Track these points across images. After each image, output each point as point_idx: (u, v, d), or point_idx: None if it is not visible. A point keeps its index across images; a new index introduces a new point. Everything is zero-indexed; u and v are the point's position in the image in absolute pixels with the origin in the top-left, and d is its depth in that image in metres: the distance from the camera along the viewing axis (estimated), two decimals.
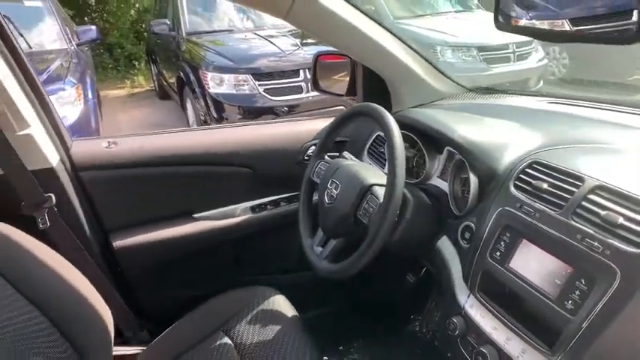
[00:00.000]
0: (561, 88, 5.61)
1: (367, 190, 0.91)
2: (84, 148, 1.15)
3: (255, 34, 4.29)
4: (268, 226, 1.36)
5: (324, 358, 1.42)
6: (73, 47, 3.94)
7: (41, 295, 0.87)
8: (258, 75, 3.66)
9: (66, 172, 1.09)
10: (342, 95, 1.50)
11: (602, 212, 0.65)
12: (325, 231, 1.01)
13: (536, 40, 4.92)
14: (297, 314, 1.14)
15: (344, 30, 1.13)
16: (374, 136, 1.34)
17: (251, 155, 1.26)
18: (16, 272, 0.85)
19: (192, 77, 3.94)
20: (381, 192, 0.88)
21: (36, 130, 1.02)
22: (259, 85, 3.64)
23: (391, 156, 0.84)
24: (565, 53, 5.76)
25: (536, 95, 1.30)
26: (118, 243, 1.19)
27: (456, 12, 5.47)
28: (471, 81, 1.44)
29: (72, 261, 0.97)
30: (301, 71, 3.66)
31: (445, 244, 0.95)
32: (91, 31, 4.20)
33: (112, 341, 1.01)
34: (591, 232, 0.65)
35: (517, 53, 4.70)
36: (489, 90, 1.42)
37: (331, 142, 1.12)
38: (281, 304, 1.15)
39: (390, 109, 1.24)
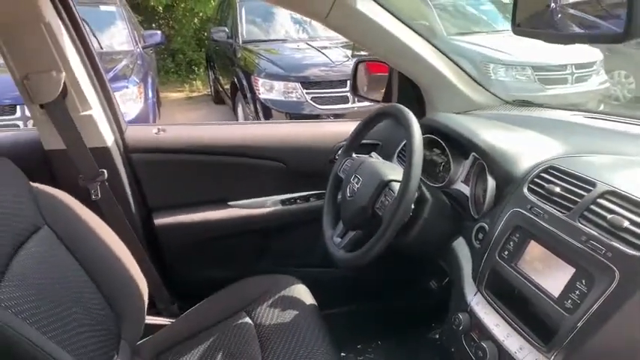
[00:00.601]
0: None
1: (386, 184, 0.96)
2: (136, 133, 1.27)
3: (308, 44, 4.43)
4: (297, 220, 1.42)
5: (342, 353, 1.46)
6: (138, 50, 4.25)
7: (89, 258, 0.98)
8: (307, 84, 3.78)
9: (119, 152, 1.22)
10: (379, 101, 1.55)
11: (609, 216, 0.66)
12: (345, 223, 1.06)
13: (598, 62, 4.73)
14: (316, 304, 1.19)
15: (380, 36, 1.19)
16: (405, 142, 1.38)
17: (284, 150, 1.34)
18: (70, 235, 0.97)
19: (244, 83, 4.13)
20: (398, 187, 0.92)
21: (96, 112, 1.15)
22: (307, 93, 3.76)
23: (409, 151, 0.88)
24: (632, 78, 5.48)
25: (573, 110, 1.29)
26: (159, 221, 1.30)
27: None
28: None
29: (117, 232, 1.08)
30: (348, 82, 3.74)
31: (460, 245, 0.97)
32: (156, 35, 4.52)
33: (145, 310, 1.11)
34: (596, 234, 0.66)
35: (576, 75, 4.53)
36: (526, 103, 1.42)
37: (359, 140, 1.17)
38: (302, 293, 1.21)
39: (423, 117, 1.28)
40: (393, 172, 1.00)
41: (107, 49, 3.93)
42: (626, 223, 0.63)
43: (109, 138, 1.19)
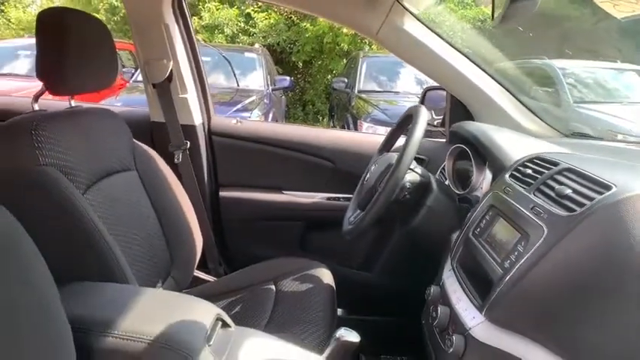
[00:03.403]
0: None
1: (391, 166, 1.07)
2: (220, 121, 1.59)
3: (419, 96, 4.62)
4: (339, 217, 1.56)
5: (362, 356, 1.50)
6: (268, 91, 4.90)
7: (160, 204, 1.25)
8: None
9: (203, 132, 1.54)
10: (438, 127, 1.66)
11: (557, 187, 0.70)
12: (358, 203, 1.18)
13: None
14: (334, 288, 1.30)
15: (429, 58, 1.33)
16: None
17: (333, 151, 1.52)
18: (151, 182, 1.25)
19: (351, 127, 4.44)
20: None
21: (191, 97, 1.49)
22: None
23: (410, 134, 0.99)
24: None
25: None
26: (224, 194, 1.57)
27: None
28: None
29: (188, 194, 1.36)
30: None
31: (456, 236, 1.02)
32: (285, 80, 5.16)
33: (196, 263, 1.34)
34: (540, 202, 0.70)
35: None
36: (584, 135, 1.40)
37: (392, 141, 1.29)
38: (326, 277, 1.33)
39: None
40: None
41: (243, 86, 4.62)
42: (568, 191, 0.67)
43: (197, 119, 1.51)
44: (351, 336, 0.84)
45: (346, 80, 5.30)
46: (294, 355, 0.89)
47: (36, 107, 1.06)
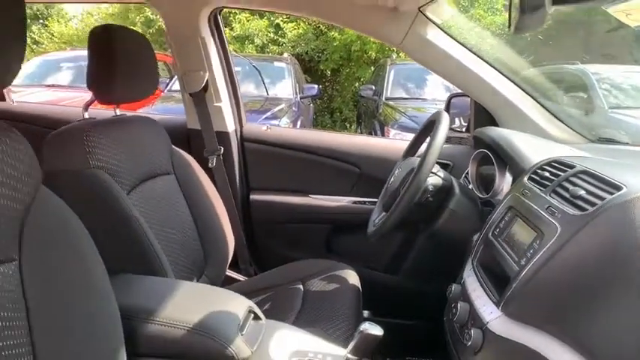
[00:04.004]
0: None
1: (414, 170, 1.11)
2: (251, 127, 1.67)
3: None
4: (365, 221, 1.61)
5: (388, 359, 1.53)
6: (297, 99, 5.01)
7: (196, 206, 1.33)
8: None
9: (236, 138, 1.62)
10: (462, 132, 1.69)
11: (572, 188, 0.73)
12: (383, 205, 1.22)
13: None
14: (360, 289, 1.35)
15: (453, 66, 1.37)
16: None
17: (360, 156, 1.57)
18: (187, 185, 1.33)
19: (378, 134, 4.48)
20: None
21: (225, 106, 1.58)
22: None
23: (431, 140, 1.03)
24: None
25: None
26: (254, 197, 1.64)
27: None
28: None
29: (221, 196, 1.44)
30: None
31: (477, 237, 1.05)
32: (313, 88, 5.26)
33: (228, 262, 1.42)
34: (555, 202, 0.74)
35: None
36: (610, 141, 1.41)
37: (417, 146, 1.33)
38: (352, 278, 1.38)
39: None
40: None
41: (272, 95, 4.74)
42: (582, 192, 0.70)
43: (230, 126, 1.60)
44: (374, 329, 0.88)
45: (374, 88, 5.34)
46: (321, 348, 0.94)
47: (86, 115, 1.16)
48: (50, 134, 1.03)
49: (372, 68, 8.26)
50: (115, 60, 1.06)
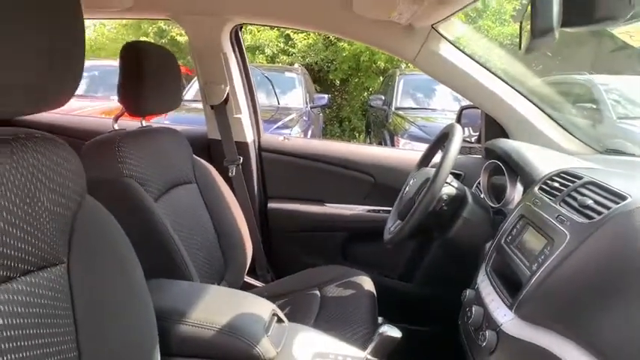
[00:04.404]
0: None
1: (429, 180, 1.16)
2: (268, 138, 1.74)
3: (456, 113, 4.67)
4: (379, 228, 1.66)
5: None
6: (307, 108, 5.09)
7: (217, 213, 1.40)
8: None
9: (254, 148, 1.69)
10: (473, 142, 1.74)
11: (580, 197, 0.78)
12: (399, 213, 1.27)
13: None
14: (375, 294, 1.39)
15: (464, 79, 1.43)
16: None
17: (374, 166, 1.63)
18: (209, 193, 1.40)
19: (388, 143, 4.54)
20: None
21: (244, 117, 1.65)
22: None
23: (445, 152, 1.09)
24: None
25: None
26: (272, 206, 1.70)
27: None
28: None
29: (240, 205, 1.50)
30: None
31: (489, 244, 1.10)
32: (323, 98, 5.33)
33: (246, 269, 1.47)
34: (565, 211, 0.78)
35: None
36: (617, 152, 1.45)
37: (430, 157, 1.39)
38: (367, 284, 1.43)
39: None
40: None
41: (283, 105, 4.82)
42: (589, 202, 0.75)
43: (249, 137, 1.67)
44: (393, 332, 0.93)
45: (383, 97, 5.42)
46: (341, 350, 0.99)
47: (116, 127, 1.23)
48: (85, 145, 1.10)
49: (381, 78, 8.35)
50: (144, 75, 1.13)
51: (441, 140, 1.34)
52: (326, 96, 5.43)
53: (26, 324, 0.57)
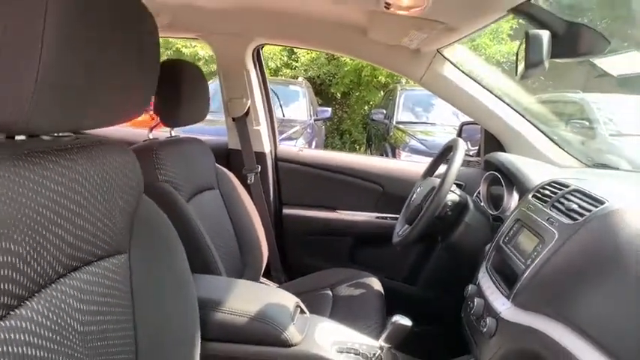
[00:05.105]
0: None
1: (435, 188, 1.30)
2: (285, 148, 1.88)
3: (454, 128, 4.84)
4: (387, 234, 1.78)
5: None
6: (311, 121, 5.24)
7: (236, 217, 1.51)
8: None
9: (271, 158, 1.82)
10: (472, 156, 1.88)
11: (566, 202, 0.91)
12: (406, 219, 1.40)
13: None
14: (383, 293, 1.52)
15: (466, 98, 1.57)
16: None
17: (382, 176, 1.77)
18: (229, 199, 1.52)
19: (390, 156, 4.68)
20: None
21: (263, 129, 1.78)
22: None
23: (450, 164, 1.22)
24: None
25: None
26: (287, 211, 1.83)
27: None
28: None
29: (257, 210, 1.62)
30: None
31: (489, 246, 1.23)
32: (327, 111, 5.49)
33: (262, 270, 1.59)
34: (554, 214, 0.92)
35: None
36: (604, 166, 1.59)
37: (435, 168, 1.52)
38: (375, 284, 1.55)
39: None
40: None
41: (288, 117, 4.98)
42: (574, 206, 0.89)
43: (267, 147, 1.81)
44: (404, 320, 1.05)
45: (384, 111, 5.58)
46: (357, 338, 1.11)
47: (150, 136, 1.36)
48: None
49: (382, 92, 8.55)
50: (179, 89, 1.26)
51: (445, 153, 1.48)
52: (329, 109, 5.59)
53: (100, 302, 0.69)
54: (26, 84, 0.50)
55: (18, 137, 0.59)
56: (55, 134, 0.68)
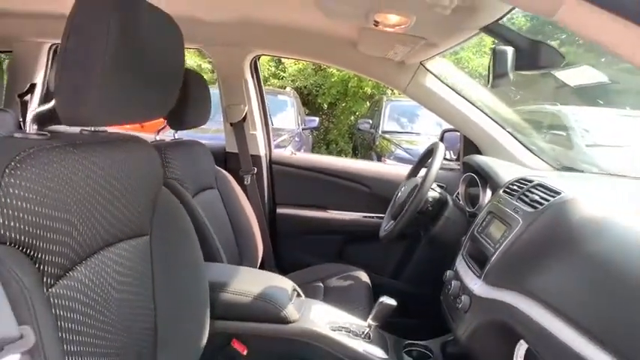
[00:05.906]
0: None
1: (417, 186, 1.43)
2: (278, 152, 2.00)
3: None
4: (374, 232, 1.91)
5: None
6: (299, 130, 5.38)
7: (234, 215, 1.63)
8: None
9: (266, 161, 1.95)
10: (452, 162, 2.03)
11: (530, 194, 1.06)
12: (391, 215, 1.54)
13: None
14: (370, 285, 1.64)
15: (447, 107, 1.72)
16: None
17: (370, 178, 1.91)
18: (227, 198, 1.64)
19: None
20: None
21: (259, 134, 1.91)
22: None
23: (430, 165, 1.36)
24: None
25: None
26: (280, 211, 1.95)
27: None
28: None
29: (253, 209, 1.74)
30: None
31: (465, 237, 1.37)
32: (314, 121, 5.66)
33: (258, 264, 1.71)
34: (519, 204, 1.06)
35: None
36: (570, 169, 1.75)
37: (419, 168, 1.66)
38: (364, 277, 1.68)
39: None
40: None
41: (276, 126, 5.10)
42: (536, 197, 1.03)
43: (262, 151, 1.93)
44: (390, 300, 1.18)
45: (370, 121, 5.75)
46: (348, 318, 1.23)
47: (157, 138, 1.48)
48: None
49: (368, 103, 8.74)
50: (185, 95, 1.38)
51: (427, 156, 1.62)
52: (317, 119, 5.75)
53: (128, 274, 0.80)
54: (91, 87, 0.62)
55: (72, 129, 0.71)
56: (93, 129, 0.80)
